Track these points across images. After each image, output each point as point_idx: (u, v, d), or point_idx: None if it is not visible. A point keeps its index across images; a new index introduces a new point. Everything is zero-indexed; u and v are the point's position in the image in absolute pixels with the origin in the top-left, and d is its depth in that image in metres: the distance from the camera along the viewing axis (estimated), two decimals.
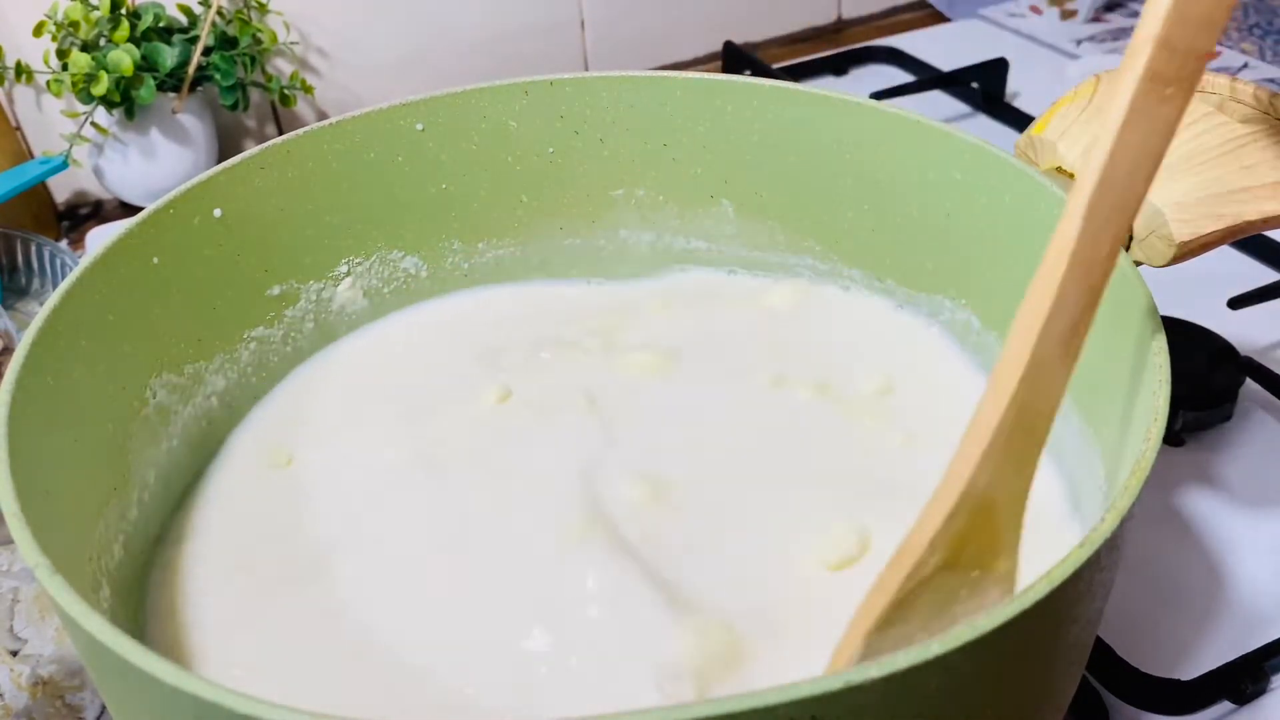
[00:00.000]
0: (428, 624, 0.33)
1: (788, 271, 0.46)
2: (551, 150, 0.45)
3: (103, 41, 0.62)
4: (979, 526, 0.26)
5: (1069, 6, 0.88)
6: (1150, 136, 0.25)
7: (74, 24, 0.61)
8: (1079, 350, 0.26)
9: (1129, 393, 0.30)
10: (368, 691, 0.31)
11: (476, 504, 0.37)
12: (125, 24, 0.61)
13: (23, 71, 0.64)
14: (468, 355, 0.44)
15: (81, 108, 0.64)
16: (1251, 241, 0.57)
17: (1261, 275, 0.55)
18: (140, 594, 0.34)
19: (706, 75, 0.44)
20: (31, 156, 0.68)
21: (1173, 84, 0.25)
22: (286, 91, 0.68)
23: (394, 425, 0.40)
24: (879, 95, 0.70)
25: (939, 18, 0.92)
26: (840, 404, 0.40)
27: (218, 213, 0.39)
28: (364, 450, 0.39)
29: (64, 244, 0.65)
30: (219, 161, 0.43)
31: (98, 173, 0.67)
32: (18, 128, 0.68)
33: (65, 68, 0.61)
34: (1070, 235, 0.26)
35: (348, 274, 0.44)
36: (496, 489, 0.37)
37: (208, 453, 0.40)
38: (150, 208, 0.37)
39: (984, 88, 0.73)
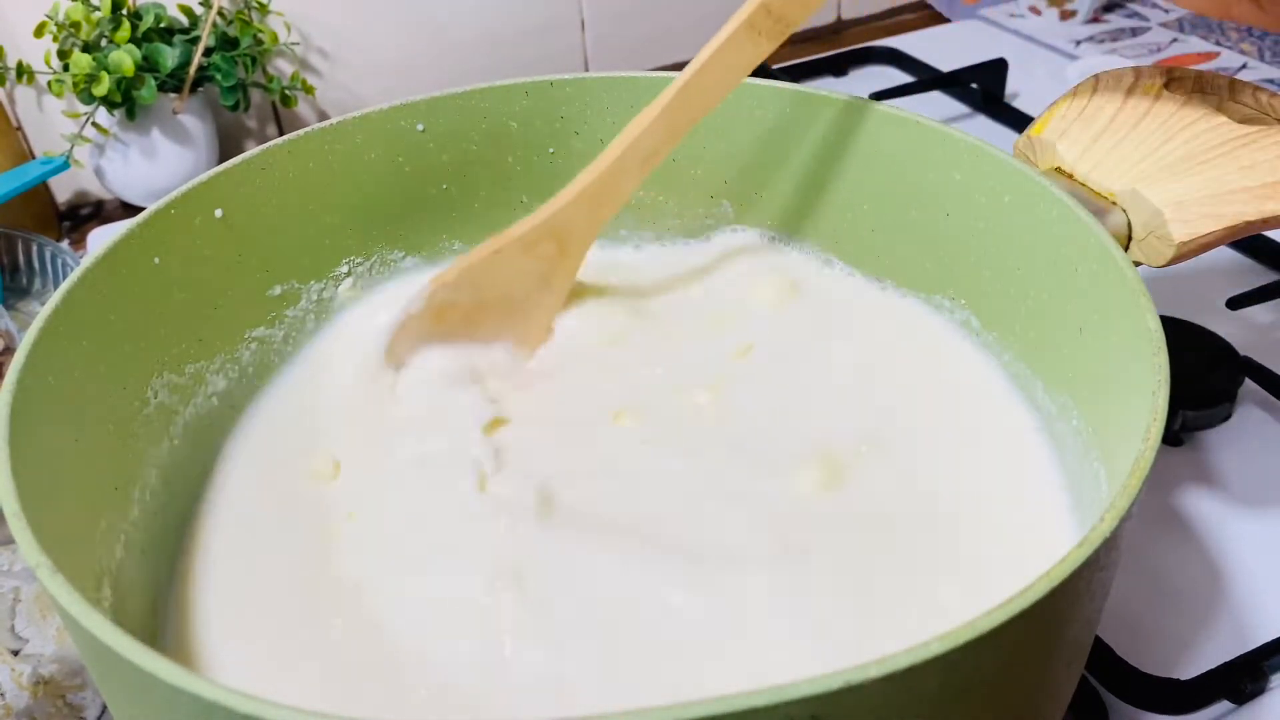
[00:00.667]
0: (437, 625, 0.33)
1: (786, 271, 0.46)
2: (551, 150, 0.45)
3: (104, 42, 0.62)
4: (551, 241, 0.40)
5: (1068, 7, 0.88)
6: (735, 63, 0.39)
7: (75, 24, 0.61)
8: (650, 169, 0.40)
9: (1128, 393, 0.30)
10: (362, 690, 0.31)
11: (481, 498, 0.37)
12: (126, 24, 0.61)
13: (24, 72, 0.64)
14: (469, 354, 0.44)
15: (83, 108, 0.64)
16: (1251, 241, 0.57)
17: (1261, 275, 0.55)
18: (150, 594, 0.34)
19: None
20: (33, 157, 0.68)
21: (763, 33, 0.38)
22: (287, 92, 0.68)
23: (393, 424, 0.40)
24: (879, 95, 0.70)
25: (939, 18, 0.92)
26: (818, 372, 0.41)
27: (219, 213, 0.39)
28: (363, 451, 0.39)
29: (65, 244, 0.65)
30: (220, 162, 0.43)
31: (99, 173, 0.67)
32: (19, 128, 0.68)
33: (66, 68, 0.62)
34: (667, 95, 0.39)
35: (348, 274, 0.44)
36: (498, 480, 0.37)
37: (209, 452, 0.40)
38: (151, 208, 0.37)
39: (983, 88, 0.73)
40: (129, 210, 0.70)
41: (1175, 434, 0.46)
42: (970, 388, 0.41)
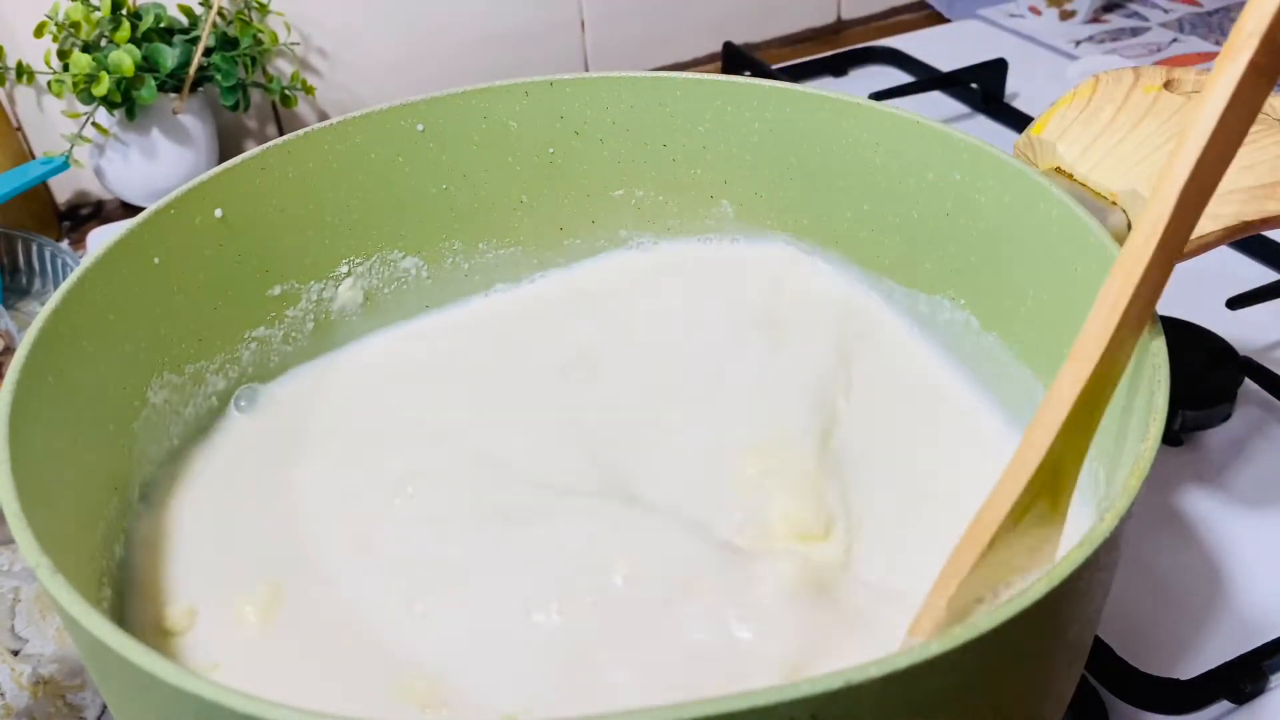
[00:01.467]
0: (427, 624, 0.33)
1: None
2: (551, 150, 0.45)
3: (104, 42, 0.62)
4: (1045, 488, 0.27)
5: (1068, 7, 0.88)
6: (1241, 122, 0.27)
7: (75, 25, 0.61)
8: (1149, 319, 0.28)
9: (1128, 393, 0.30)
10: (361, 690, 0.31)
11: (475, 498, 0.37)
12: (126, 25, 0.61)
13: (24, 72, 0.64)
14: (468, 354, 0.44)
15: (82, 108, 0.64)
16: (1251, 241, 0.57)
17: (1261, 275, 0.55)
18: (132, 588, 0.34)
19: (706, 75, 0.44)
20: (32, 157, 0.68)
21: (1265, 75, 0.26)
22: (287, 92, 0.68)
23: (393, 423, 0.40)
24: (878, 96, 0.70)
25: (938, 18, 0.92)
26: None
27: (219, 213, 0.39)
28: (363, 450, 0.39)
29: (65, 244, 0.65)
30: (220, 162, 0.43)
31: (99, 173, 0.67)
32: (19, 128, 0.68)
33: (66, 68, 0.62)
34: (1162, 219, 0.26)
35: (348, 274, 0.44)
36: (496, 485, 0.37)
37: (209, 452, 0.40)
38: (151, 208, 0.37)
39: (983, 88, 0.73)
40: (129, 210, 0.70)
41: (1175, 434, 0.46)
42: (969, 388, 0.41)
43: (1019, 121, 0.71)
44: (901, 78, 0.78)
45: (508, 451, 0.39)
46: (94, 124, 0.63)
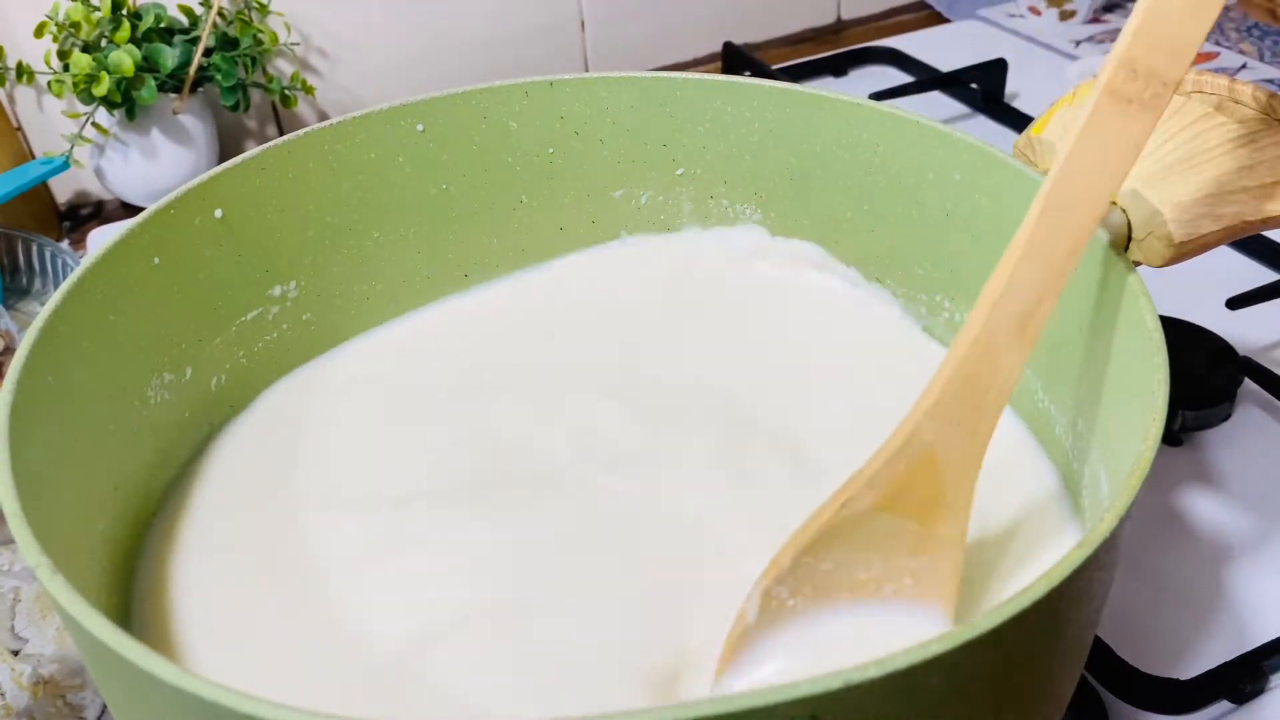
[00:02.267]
0: (424, 623, 0.33)
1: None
2: (551, 150, 0.45)
3: (104, 42, 0.62)
4: (921, 478, 0.27)
5: (1068, 7, 0.88)
6: (1109, 147, 0.27)
7: (75, 25, 0.61)
8: (1035, 335, 0.28)
9: (1128, 393, 0.30)
10: (362, 690, 0.31)
11: (474, 499, 0.37)
12: (126, 25, 0.61)
13: (24, 72, 0.64)
14: (468, 354, 0.44)
15: (83, 108, 0.64)
16: (1251, 241, 0.57)
17: (1260, 275, 0.55)
18: (133, 591, 0.34)
19: (706, 75, 0.44)
20: (33, 157, 0.68)
21: (1135, 102, 0.27)
22: (287, 92, 0.68)
23: (393, 424, 0.40)
24: (879, 96, 0.70)
25: (938, 19, 0.92)
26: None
27: (219, 213, 0.39)
28: (362, 450, 0.39)
29: (65, 244, 0.65)
30: (220, 162, 0.43)
31: (99, 173, 0.67)
32: (19, 128, 0.68)
33: (66, 68, 0.61)
34: (1027, 226, 0.28)
35: (348, 274, 0.44)
36: (494, 484, 0.37)
37: (209, 452, 0.40)
38: (151, 208, 0.37)
39: (983, 88, 0.73)
40: (129, 210, 0.70)
41: (1175, 434, 0.46)
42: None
43: (1019, 121, 0.71)
44: (901, 78, 0.78)
45: (510, 450, 0.39)
46: (94, 124, 0.63)
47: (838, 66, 0.80)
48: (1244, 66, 0.78)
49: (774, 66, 0.78)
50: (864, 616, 0.29)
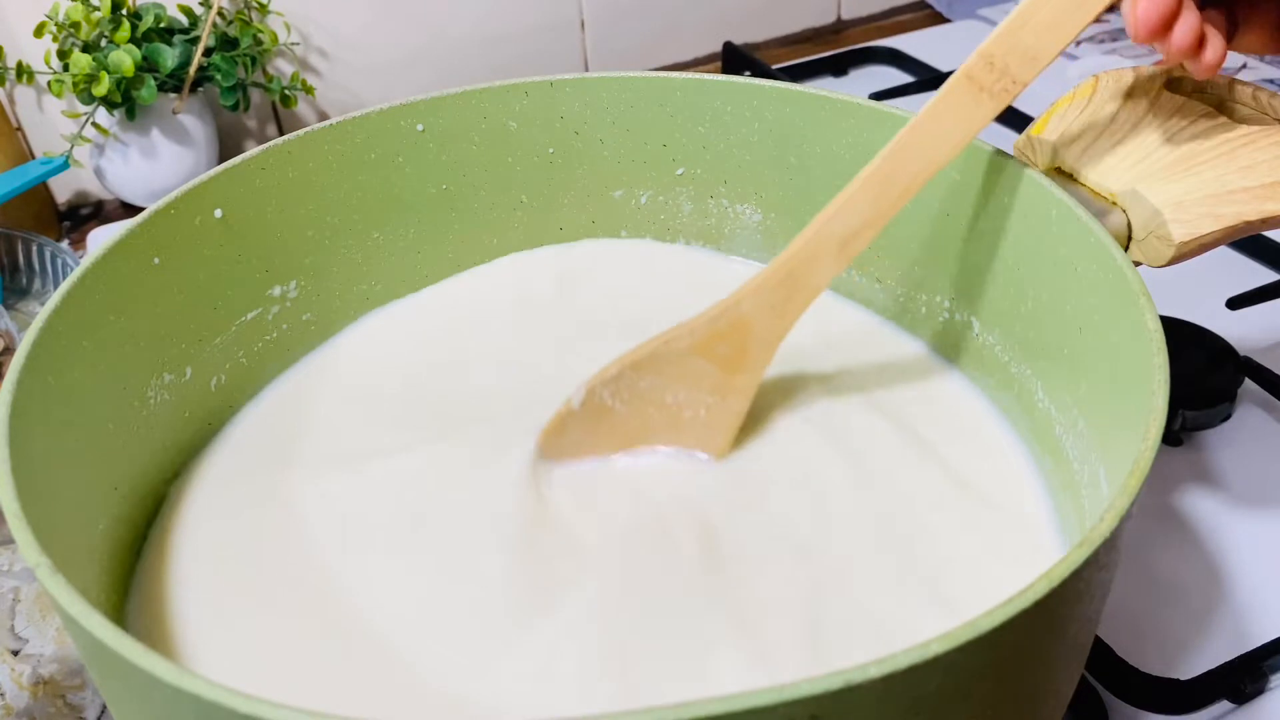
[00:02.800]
0: (422, 621, 0.33)
1: None
2: (551, 150, 0.45)
3: (104, 42, 0.62)
4: (732, 338, 0.34)
5: None
6: (952, 121, 0.32)
7: (75, 25, 0.61)
8: (851, 254, 0.34)
9: (1128, 393, 0.30)
10: (361, 690, 0.31)
11: (471, 501, 0.37)
12: (126, 25, 0.61)
13: (24, 72, 0.64)
14: (468, 355, 0.44)
15: (82, 108, 0.64)
16: (1251, 241, 0.57)
17: (1261, 275, 0.55)
18: (131, 591, 0.34)
19: (706, 75, 0.44)
20: (33, 157, 0.68)
21: (985, 90, 0.32)
22: (287, 92, 0.68)
23: (391, 425, 0.40)
24: (879, 95, 0.70)
25: (939, 18, 0.92)
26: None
27: (218, 213, 0.39)
28: (360, 449, 0.39)
29: (65, 244, 0.65)
30: (220, 162, 0.43)
31: (99, 173, 0.67)
32: (19, 128, 0.68)
33: (66, 68, 0.61)
34: (870, 167, 0.33)
35: (348, 274, 0.44)
36: (495, 486, 0.37)
37: (208, 452, 0.40)
38: (151, 208, 0.37)
39: None
40: (129, 210, 0.70)
41: (1175, 434, 0.46)
42: (967, 388, 0.41)
43: (1019, 121, 0.70)
44: (901, 78, 0.78)
45: (507, 448, 0.39)
46: (94, 124, 0.63)
47: (838, 66, 0.80)
48: (1244, 66, 0.78)
49: (774, 66, 0.78)
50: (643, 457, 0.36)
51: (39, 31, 0.62)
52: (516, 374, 0.42)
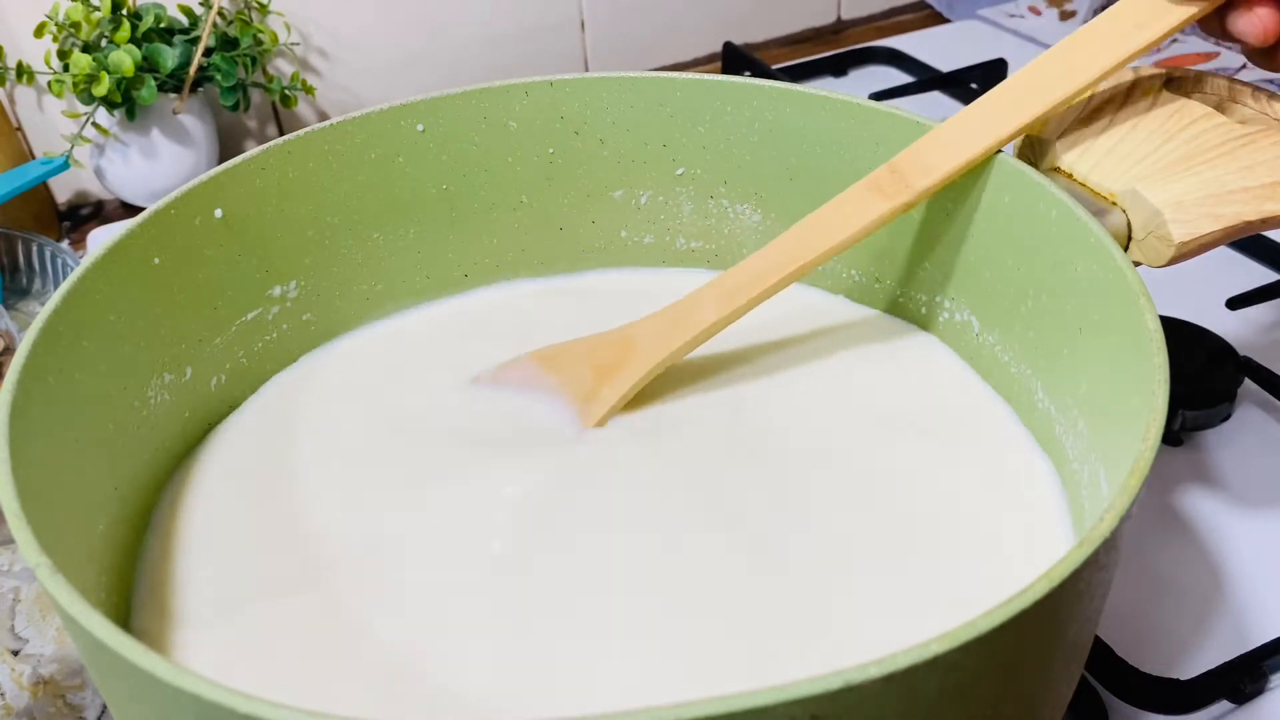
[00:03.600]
0: (423, 620, 0.33)
1: None
2: (551, 150, 0.45)
3: (104, 42, 0.62)
4: (620, 346, 0.40)
5: (1068, 7, 0.88)
6: (849, 213, 0.37)
7: (75, 25, 0.61)
8: (736, 305, 0.38)
9: (1128, 392, 0.30)
10: (361, 689, 0.31)
11: (470, 500, 0.37)
12: (126, 25, 0.61)
13: (24, 72, 0.64)
14: (468, 355, 0.44)
15: (83, 108, 0.64)
16: (1251, 241, 0.57)
17: (1261, 275, 0.55)
18: (133, 591, 0.34)
19: (706, 75, 0.44)
20: (33, 157, 0.68)
21: (882, 193, 0.37)
22: (287, 92, 0.68)
23: (392, 425, 0.40)
24: (879, 96, 0.70)
25: (939, 18, 0.92)
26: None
27: (219, 213, 0.39)
28: (360, 449, 0.39)
29: (65, 244, 0.65)
30: (220, 162, 0.43)
31: (99, 173, 0.67)
32: (19, 128, 0.68)
33: (66, 68, 0.61)
34: (771, 245, 0.38)
35: (347, 273, 0.44)
36: (494, 486, 0.37)
37: (208, 452, 0.40)
38: (151, 208, 0.37)
39: (983, 88, 0.73)
40: (129, 210, 0.70)
41: (1175, 434, 0.46)
42: (967, 388, 0.41)
43: None
44: (901, 78, 0.78)
45: (513, 450, 0.39)
46: (94, 124, 0.63)
47: (838, 66, 0.80)
48: (1244, 66, 0.78)
49: (774, 66, 0.78)
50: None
51: (39, 31, 0.62)
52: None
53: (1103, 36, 0.35)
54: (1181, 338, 0.48)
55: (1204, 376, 0.47)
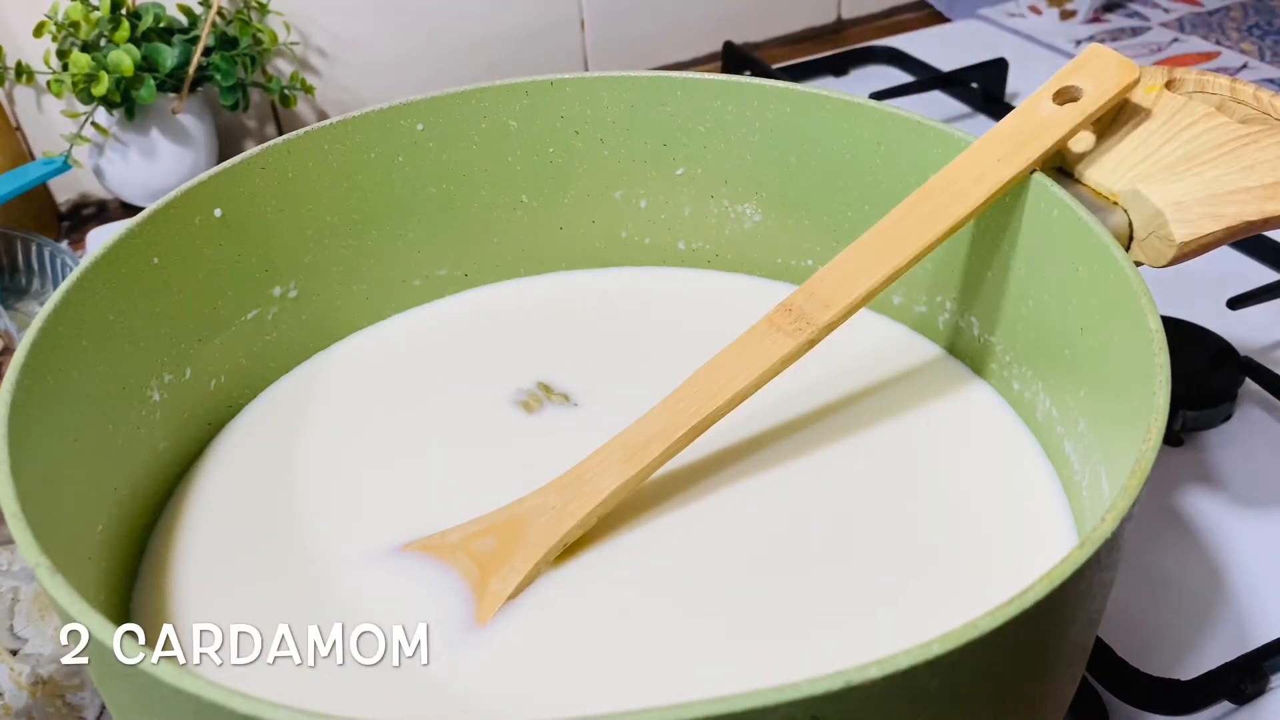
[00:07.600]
0: (428, 622, 0.33)
1: (788, 272, 0.46)
2: (551, 150, 0.45)
3: (103, 42, 0.62)
4: (502, 533, 0.34)
5: (1068, 7, 0.88)
6: (752, 355, 0.35)
7: (74, 24, 0.61)
8: (640, 464, 0.34)
9: (1129, 393, 0.30)
10: (364, 690, 0.31)
11: (472, 500, 0.37)
12: (125, 24, 0.61)
13: (23, 72, 0.64)
14: (468, 355, 0.44)
15: (82, 108, 0.64)
16: (1251, 241, 0.57)
17: (1261, 275, 0.55)
18: (133, 591, 0.34)
19: (706, 75, 0.44)
20: (32, 157, 0.68)
21: (782, 331, 0.35)
22: (287, 92, 0.68)
23: (392, 426, 0.40)
24: (879, 95, 0.70)
25: (939, 18, 0.92)
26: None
27: (218, 213, 0.39)
28: (363, 449, 0.39)
29: (65, 244, 0.65)
30: (219, 162, 0.43)
31: (98, 173, 0.67)
32: (18, 128, 0.68)
33: (66, 68, 0.61)
34: (678, 392, 0.35)
35: (347, 273, 0.44)
36: (493, 487, 0.37)
37: (208, 452, 0.40)
38: (151, 208, 0.37)
39: (984, 88, 0.73)
40: (128, 210, 0.70)
41: (1175, 434, 0.46)
42: (967, 388, 0.41)
43: None
44: (902, 78, 0.78)
45: (514, 450, 0.39)
46: (94, 124, 0.63)
47: (838, 66, 0.80)
48: (1245, 66, 0.78)
49: (774, 66, 0.78)
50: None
51: (39, 31, 0.62)
52: (514, 385, 0.42)
53: (1000, 149, 0.36)
54: (1182, 338, 0.48)
55: (1205, 377, 0.47)
